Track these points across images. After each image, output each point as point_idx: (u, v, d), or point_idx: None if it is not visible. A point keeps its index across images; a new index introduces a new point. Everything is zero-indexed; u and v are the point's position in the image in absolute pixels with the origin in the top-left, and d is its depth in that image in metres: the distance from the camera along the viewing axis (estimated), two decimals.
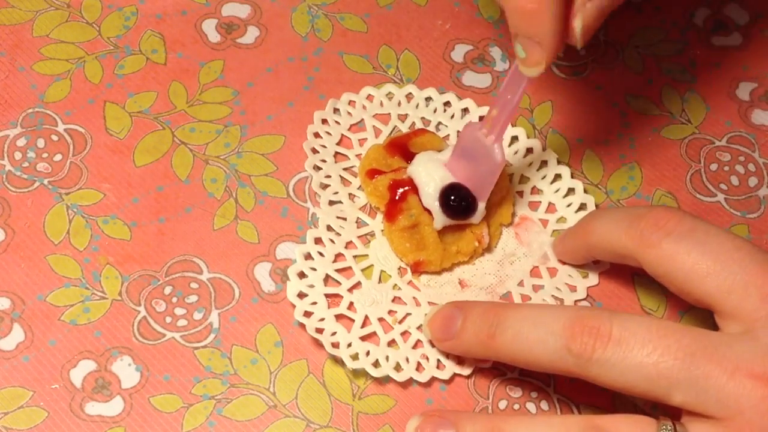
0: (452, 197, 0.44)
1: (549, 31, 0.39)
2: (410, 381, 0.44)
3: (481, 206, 0.45)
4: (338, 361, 0.43)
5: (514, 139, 0.50)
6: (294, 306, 0.44)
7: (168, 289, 0.45)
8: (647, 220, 0.40)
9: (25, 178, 0.48)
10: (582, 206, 0.48)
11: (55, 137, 0.49)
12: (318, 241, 0.46)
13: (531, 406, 0.43)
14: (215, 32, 0.53)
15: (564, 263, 0.46)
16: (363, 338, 0.44)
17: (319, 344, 0.44)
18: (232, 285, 0.46)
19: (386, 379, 0.44)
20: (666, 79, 0.52)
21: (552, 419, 0.38)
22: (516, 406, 0.43)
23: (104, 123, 0.50)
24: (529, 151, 0.49)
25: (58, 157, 0.48)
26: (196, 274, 0.46)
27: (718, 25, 0.54)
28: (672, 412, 0.38)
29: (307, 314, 0.44)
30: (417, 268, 0.46)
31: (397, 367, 0.43)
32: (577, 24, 0.39)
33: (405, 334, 0.44)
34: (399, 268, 0.46)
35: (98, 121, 0.50)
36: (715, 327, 0.39)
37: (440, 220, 0.45)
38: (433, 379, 0.44)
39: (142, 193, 0.48)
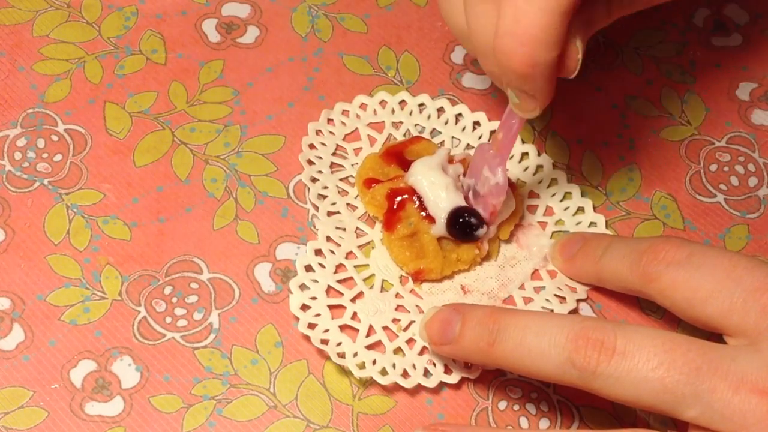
0: (460, 220, 0.44)
1: (543, 87, 0.40)
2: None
3: (481, 231, 0.45)
4: (345, 371, 0.43)
5: None
6: (298, 319, 0.44)
7: (168, 289, 0.45)
8: (647, 254, 0.40)
9: (25, 178, 0.48)
10: (579, 209, 0.48)
11: (55, 137, 0.49)
12: (318, 252, 0.46)
13: (531, 407, 0.43)
14: (215, 32, 0.53)
15: None
16: (368, 347, 0.44)
17: None
18: (232, 285, 0.46)
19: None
20: (665, 80, 0.52)
21: None
22: (516, 407, 0.43)
23: (104, 123, 0.50)
24: (525, 155, 0.49)
25: (58, 157, 0.48)
26: (196, 274, 0.46)
27: (717, 26, 0.54)
28: (677, 423, 0.38)
29: (311, 326, 0.44)
30: (418, 277, 0.45)
31: (405, 374, 0.43)
32: (579, 57, 0.40)
33: (410, 341, 0.44)
34: (400, 277, 0.46)
35: (98, 121, 0.50)
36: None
37: (440, 231, 0.45)
38: (439, 382, 0.43)
39: (142, 193, 0.48)
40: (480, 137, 0.49)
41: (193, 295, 0.45)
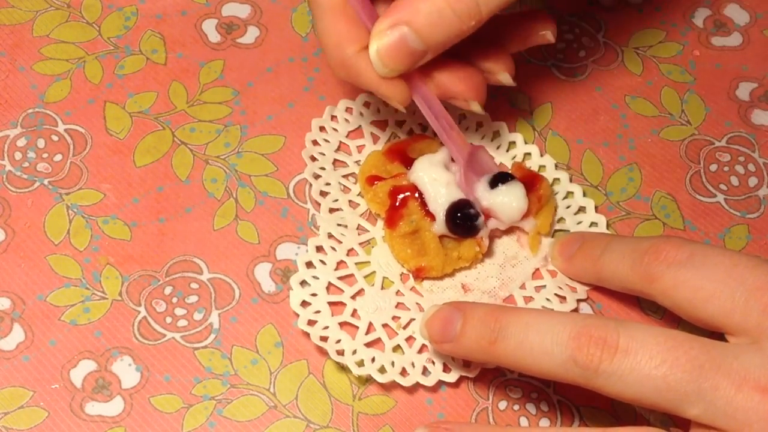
0: (459, 215, 0.44)
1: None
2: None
3: (480, 220, 0.45)
4: (344, 368, 0.43)
5: (512, 144, 0.50)
6: (297, 315, 0.44)
7: (168, 290, 0.45)
8: (649, 254, 0.40)
9: (26, 178, 0.48)
10: (581, 209, 0.48)
11: (55, 137, 0.49)
12: (319, 249, 0.46)
13: (531, 407, 0.43)
14: (215, 32, 0.53)
15: None
16: (368, 345, 0.44)
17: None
18: (233, 285, 0.46)
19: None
20: (665, 80, 0.52)
21: None
22: (516, 407, 0.43)
23: (104, 123, 0.50)
24: (527, 156, 0.49)
25: (58, 157, 0.48)
26: (196, 275, 0.46)
27: (718, 26, 0.54)
28: (678, 421, 0.38)
29: (311, 323, 0.44)
30: (419, 274, 0.45)
31: (403, 372, 0.43)
32: (372, 50, 0.41)
33: (410, 339, 0.44)
34: (401, 274, 0.46)
35: (98, 121, 0.50)
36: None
37: (440, 228, 0.45)
38: (438, 381, 0.43)
39: (142, 193, 0.48)
40: (483, 137, 0.49)
41: (193, 295, 0.45)
